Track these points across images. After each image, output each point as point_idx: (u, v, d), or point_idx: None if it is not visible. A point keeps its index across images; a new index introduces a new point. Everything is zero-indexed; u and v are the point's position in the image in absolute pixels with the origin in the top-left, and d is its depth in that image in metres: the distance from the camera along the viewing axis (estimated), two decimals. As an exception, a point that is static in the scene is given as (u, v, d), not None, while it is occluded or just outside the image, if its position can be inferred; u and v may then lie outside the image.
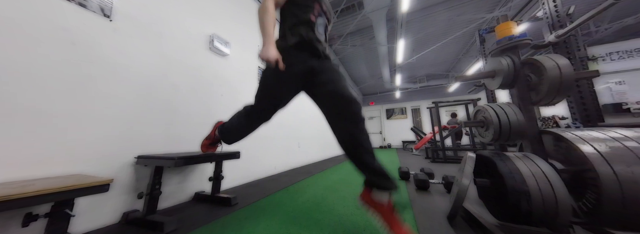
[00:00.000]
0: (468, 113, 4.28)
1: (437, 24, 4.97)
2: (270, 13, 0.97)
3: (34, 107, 0.97)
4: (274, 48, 0.93)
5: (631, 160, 0.75)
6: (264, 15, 0.96)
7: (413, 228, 1.07)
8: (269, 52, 0.91)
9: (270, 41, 0.93)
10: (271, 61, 0.90)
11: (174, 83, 1.61)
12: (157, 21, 1.54)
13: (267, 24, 0.95)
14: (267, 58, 0.90)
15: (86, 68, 1.15)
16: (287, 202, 1.52)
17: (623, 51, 4.68)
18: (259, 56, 0.94)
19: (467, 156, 1.13)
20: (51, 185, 0.74)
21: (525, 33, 1.20)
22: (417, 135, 6.64)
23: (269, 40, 0.94)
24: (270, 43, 0.93)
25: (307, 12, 1.04)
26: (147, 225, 1.12)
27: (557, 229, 0.81)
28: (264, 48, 0.93)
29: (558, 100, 1.12)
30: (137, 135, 1.34)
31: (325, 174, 2.68)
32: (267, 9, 0.97)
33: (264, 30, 0.95)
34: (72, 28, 1.11)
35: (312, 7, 1.05)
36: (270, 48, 0.92)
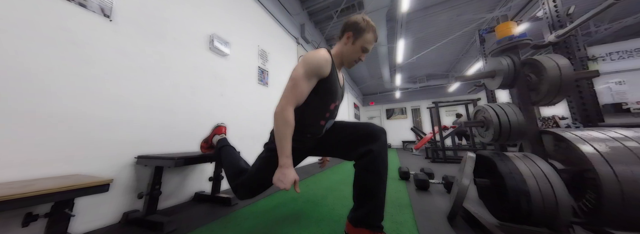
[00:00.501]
0: (468, 113, 4.28)
1: (437, 24, 4.97)
2: (291, 124, 0.84)
3: (34, 107, 0.97)
4: (293, 172, 0.82)
5: (631, 160, 0.75)
6: (284, 125, 0.83)
7: (413, 228, 1.07)
8: (287, 178, 0.79)
9: (288, 164, 0.82)
10: (287, 188, 0.79)
11: (174, 83, 1.61)
12: (157, 21, 1.54)
13: (286, 139, 0.82)
14: (285, 187, 0.78)
15: (86, 68, 1.15)
16: (287, 202, 1.52)
17: (623, 51, 4.68)
18: (274, 182, 0.81)
19: (467, 156, 1.13)
20: (51, 185, 0.74)
21: (525, 33, 1.20)
22: (417, 135, 6.64)
23: (287, 162, 0.82)
24: (289, 166, 0.81)
25: (320, 116, 0.95)
26: (147, 225, 1.12)
27: (557, 229, 0.81)
28: (281, 171, 0.81)
29: (558, 100, 1.12)
30: (137, 135, 1.34)
31: (325, 174, 2.68)
32: (286, 119, 0.83)
33: (282, 146, 0.82)
34: (72, 28, 1.11)
35: (325, 109, 0.96)
36: (290, 173, 0.80)
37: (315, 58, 0.86)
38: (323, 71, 0.88)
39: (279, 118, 0.84)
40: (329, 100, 0.95)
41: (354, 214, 0.88)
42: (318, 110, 0.94)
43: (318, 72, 0.87)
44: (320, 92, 0.91)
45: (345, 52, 0.97)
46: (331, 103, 0.96)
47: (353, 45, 0.95)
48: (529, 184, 0.84)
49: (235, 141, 2.00)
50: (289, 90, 0.87)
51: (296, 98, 0.86)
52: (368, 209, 0.85)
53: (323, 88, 0.91)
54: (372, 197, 0.85)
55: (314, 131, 0.97)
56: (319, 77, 0.89)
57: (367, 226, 0.84)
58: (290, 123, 0.84)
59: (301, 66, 0.87)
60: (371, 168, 0.86)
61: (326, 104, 0.95)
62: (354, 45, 0.94)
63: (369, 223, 0.84)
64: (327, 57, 0.89)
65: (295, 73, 0.87)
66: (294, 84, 0.86)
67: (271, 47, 3.07)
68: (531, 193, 0.82)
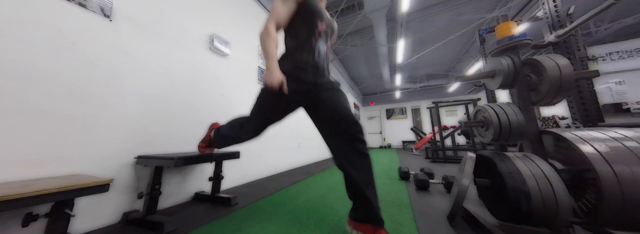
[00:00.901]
0: (468, 113, 4.28)
1: (437, 24, 4.97)
2: (273, 37, 0.96)
3: (34, 107, 0.97)
4: (278, 71, 0.92)
5: (631, 160, 0.75)
6: (267, 39, 0.95)
7: (413, 228, 1.07)
8: (273, 76, 0.90)
9: (273, 65, 0.92)
10: (275, 86, 0.90)
11: (174, 83, 1.61)
12: (157, 21, 1.54)
13: (269, 48, 0.94)
14: (271, 84, 0.90)
15: (86, 68, 1.15)
16: (287, 202, 1.52)
17: (623, 51, 4.68)
18: (263, 80, 0.93)
19: (467, 156, 1.13)
20: (51, 185, 0.74)
21: (525, 33, 1.20)
22: (417, 135, 6.64)
23: (272, 63, 0.92)
24: (274, 67, 0.92)
25: (309, 35, 1.02)
26: (147, 225, 1.12)
27: (557, 229, 0.81)
28: (268, 72, 0.92)
29: (558, 100, 1.12)
30: (137, 135, 1.34)
31: (325, 174, 2.68)
32: (269, 33, 0.96)
33: (267, 53, 0.94)
34: (72, 28, 1.11)
35: (314, 29, 1.03)
36: (275, 73, 0.91)
37: None
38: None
39: (262, 34, 0.97)
40: (314, 17, 1.04)
41: (355, 213, 0.95)
42: (307, 28, 1.03)
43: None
44: (304, 13, 1.03)
45: None
46: (317, 20, 1.04)
47: None
48: (529, 184, 0.84)
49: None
50: (270, 14, 1.00)
51: (275, 17, 0.99)
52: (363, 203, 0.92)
53: (305, 9, 1.03)
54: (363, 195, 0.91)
55: (308, 50, 1.01)
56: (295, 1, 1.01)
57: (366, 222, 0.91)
58: (271, 34, 0.96)
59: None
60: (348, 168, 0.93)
61: (313, 22, 1.04)
62: None
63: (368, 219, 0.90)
64: None
65: (275, 1, 1.02)
66: (273, 7, 1.00)
67: (271, 47, 3.07)
68: (531, 193, 0.82)
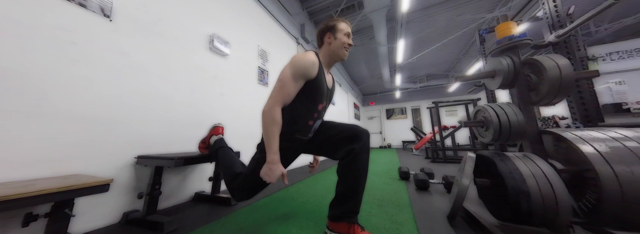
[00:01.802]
0: (468, 113, 4.28)
1: (437, 24, 4.97)
2: (277, 122, 0.88)
3: (34, 107, 0.97)
4: (280, 166, 0.87)
5: (631, 160, 0.75)
6: (271, 124, 0.87)
7: (413, 228, 1.07)
8: (274, 172, 0.85)
9: (275, 160, 0.86)
10: (275, 181, 0.86)
11: (174, 83, 1.61)
12: (157, 21, 1.54)
13: (272, 135, 0.87)
14: (271, 179, 0.85)
15: (86, 68, 1.15)
16: (287, 202, 1.52)
17: (623, 51, 4.68)
18: (261, 174, 0.87)
19: (467, 156, 1.13)
20: (51, 185, 0.74)
21: (525, 33, 1.20)
22: (417, 135, 6.64)
23: (274, 158, 0.86)
24: (276, 161, 0.86)
25: (306, 115, 0.98)
26: (147, 225, 1.12)
27: (557, 229, 0.81)
28: (268, 166, 0.86)
29: (558, 100, 1.12)
30: (137, 135, 1.34)
31: (325, 174, 2.68)
32: (274, 118, 0.87)
33: (269, 143, 0.87)
34: (72, 28, 1.11)
35: (313, 111, 0.99)
36: (277, 167, 0.85)
37: (303, 60, 0.91)
38: (310, 72, 0.92)
39: (266, 116, 0.88)
40: (316, 100, 0.99)
41: (333, 212, 0.95)
42: (306, 110, 0.98)
43: (305, 74, 0.91)
44: (307, 93, 0.96)
45: (333, 49, 1.03)
46: (319, 103, 1.01)
47: (336, 40, 1.02)
48: (529, 184, 0.84)
49: (235, 141, 2.01)
50: (276, 90, 0.91)
51: (283, 98, 0.91)
52: (347, 207, 0.92)
53: (310, 89, 0.95)
54: (351, 195, 0.92)
55: (303, 131, 1.00)
56: (305, 79, 0.93)
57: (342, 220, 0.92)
58: (277, 121, 0.88)
59: (289, 68, 0.92)
60: (351, 167, 0.92)
61: (314, 105, 0.99)
62: (336, 39, 1.02)
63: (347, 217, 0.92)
64: (314, 59, 0.94)
65: (283, 75, 0.92)
66: (281, 85, 0.91)
67: (271, 47, 3.07)
68: (531, 193, 0.82)
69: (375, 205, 1.41)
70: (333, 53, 1.03)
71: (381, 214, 1.25)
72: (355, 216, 0.94)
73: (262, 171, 0.88)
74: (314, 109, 1.00)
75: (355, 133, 0.95)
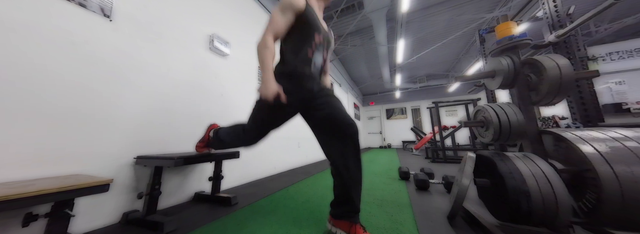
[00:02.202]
0: (468, 113, 4.28)
1: (437, 24, 4.96)
2: (270, 48, 0.95)
3: (34, 107, 0.97)
4: (274, 83, 0.92)
5: (631, 160, 0.75)
6: (264, 50, 0.95)
7: (413, 228, 1.07)
8: (269, 88, 0.90)
9: (269, 77, 0.92)
10: (270, 98, 0.90)
11: (173, 83, 1.61)
12: (157, 21, 1.54)
13: (266, 59, 0.94)
14: (266, 96, 0.90)
15: (86, 68, 1.15)
16: (287, 202, 1.52)
17: (623, 51, 4.68)
18: (258, 91, 0.93)
19: (467, 156, 1.13)
20: (51, 185, 0.74)
21: (525, 33, 1.20)
22: (417, 135, 6.64)
23: (268, 75, 0.92)
24: (270, 79, 0.92)
25: (305, 47, 1.01)
26: (147, 225, 1.12)
27: (557, 229, 0.81)
28: (264, 84, 0.92)
29: (558, 100, 1.12)
30: (137, 135, 1.34)
31: (325, 174, 2.68)
32: (266, 44, 0.95)
33: (263, 65, 0.94)
34: (72, 28, 1.11)
35: (310, 40, 1.02)
36: (270, 84, 0.91)
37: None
38: (297, 3, 0.97)
39: (259, 45, 0.96)
40: (311, 32, 1.02)
41: (334, 211, 1.00)
42: (303, 41, 1.02)
43: (291, 5, 0.97)
44: (301, 24, 1.01)
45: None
46: (314, 33, 1.03)
47: None
48: (529, 184, 0.84)
49: (235, 141, 2.00)
50: (268, 24, 0.98)
51: (273, 29, 0.97)
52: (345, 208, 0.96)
53: (303, 20, 1.01)
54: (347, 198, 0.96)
55: (304, 62, 1.01)
56: (294, 11, 0.98)
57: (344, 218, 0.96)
58: (269, 46, 0.95)
59: (278, 4, 0.99)
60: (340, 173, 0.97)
61: (310, 34, 1.02)
62: None
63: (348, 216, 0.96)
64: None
65: (273, 10, 1.00)
66: (271, 19, 0.98)
67: (271, 47, 3.07)
68: (531, 193, 0.82)
69: (375, 205, 1.41)
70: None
71: (381, 214, 1.25)
72: (356, 216, 0.96)
73: (259, 89, 0.93)
74: (311, 39, 1.02)
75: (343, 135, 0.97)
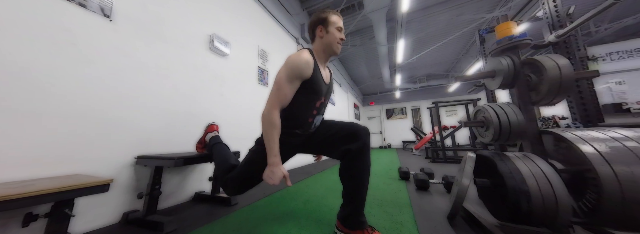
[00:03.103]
0: (468, 113, 4.28)
1: (437, 24, 4.96)
2: (277, 126, 0.89)
3: (34, 107, 0.97)
4: (281, 169, 0.87)
5: (631, 160, 0.75)
6: (271, 128, 0.88)
7: (413, 228, 1.07)
8: (275, 174, 0.85)
9: (276, 161, 0.87)
10: (277, 183, 0.86)
11: (174, 83, 1.61)
12: (157, 21, 1.54)
13: (272, 139, 0.88)
14: (274, 182, 0.85)
15: (86, 68, 1.15)
16: (287, 202, 1.52)
17: (623, 51, 4.68)
18: (264, 178, 0.88)
19: (467, 156, 1.13)
20: (51, 185, 0.74)
21: (525, 33, 1.20)
22: (417, 135, 6.64)
23: (275, 160, 0.87)
24: (277, 164, 0.87)
25: (307, 113, 0.98)
26: (147, 225, 1.12)
27: (557, 229, 0.81)
28: (270, 168, 0.87)
29: (558, 100, 1.12)
30: (137, 135, 1.34)
31: (325, 174, 2.68)
32: (273, 122, 0.88)
33: (270, 146, 0.88)
34: (72, 28, 1.11)
35: (312, 108, 0.99)
36: (277, 170, 0.86)
37: (296, 61, 0.90)
38: (305, 72, 0.91)
39: (265, 121, 0.89)
40: (314, 98, 0.99)
41: (343, 213, 0.96)
42: (305, 108, 0.98)
43: (300, 74, 0.91)
44: (305, 91, 0.95)
45: (325, 42, 1.01)
46: (317, 101, 1.00)
47: (328, 34, 1.00)
48: (529, 184, 0.84)
49: (235, 141, 2.00)
50: (273, 94, 0.91)
51: (280, 101, 0.91)
52: (352, 208, 0.93)
53: (307, 87, 0.95)
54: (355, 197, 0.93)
55: (303, 128, 1.00)
56: (301, 79, 0.92)
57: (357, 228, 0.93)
58: (276, 125, 0.89)
59: (284, 70, 0.91)
60: (350, 168, 0.92)
61: (312, 102, 0.99)
62: (329, 33, 1.00)
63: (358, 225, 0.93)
64: (309, 58, 0.92)
65: (279, 78, 0.92)
66: (277, 88, 0.91)
67: (271, 47, 3.07)
68: (531, 193, 0.82)
69: (375, 205, 1.41)
70: (327, 47, 1.01)
71: (381, 214, 1.25)
72: (364, 219, 0.94)
73: (265, 174, 0.88)
74: (313, 106, 0.99)
75: (353, 132, 0.94)
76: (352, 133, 0.94)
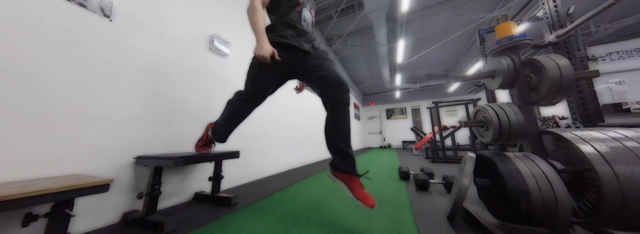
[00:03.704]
0: (468, 113, 4.28)
1: (437, 24, 4.97)
2: (259, 11, 1.02)
3: (34, 108, 0.97)
4: (268, 44, 0.98)
5: (631, 160, 0.75)
6: (254, 14, 1.01)
7: (413, 228, 1.07)
8: (264, 48, 0.95)
9: (263, 38, 0.98)
10: (267, 57, 0.95)
11: (174, 83, 1.61)
12: (157, 21, 1.54)
13: (257, 22, 1.00)
14: (263, 56, 0.94)
15: (86, 68, 1.15)
16: (287, 202, 1.52)
17: (623, 51, 4.68)
18: (254, 53, 0.98)
19: (467, 156, 1.13)
20: (51, 185, 0.74)
21: (525, 33, 1.20)
22: (417, 135, 6.64)
23: (261, 37, 0.98)
24: (264, 40, 0.98)
25: (292, 5, 1.10)
26: (147, 225, 1.12)
27: (557, 229, 0.81)
28: (259, 45, 0.97)
29: (558, 100, 1.12)
30: (137, 135, 1.34)
31: (325, 174, 2.68)
32: (255, 8, 1.02)
33: (256, 28, 1.00)
34: (72, 28, 1.11)
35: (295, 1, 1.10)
36: (265, 45, 0.97)
37: None
38: None
39: (249, 9, 1.02)
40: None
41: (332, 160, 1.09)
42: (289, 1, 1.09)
43: None
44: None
45: None
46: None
47: None
48: (529, 184, 0.84)
49: (235, 141, 2.00)
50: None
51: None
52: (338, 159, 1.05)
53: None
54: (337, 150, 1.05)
55: (294, 18, 1.10)
56: None
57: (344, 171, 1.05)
58: (258, 10, 1.02)
59: None
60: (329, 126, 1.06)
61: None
62: None
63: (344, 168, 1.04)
64: None
65: None
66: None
67: (271, 47, 3.06)
68: (531, 193, 0.82)
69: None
70: None
71: (381, 214, 1.25)
72: (353, 168, 1.04)
73: (255, 49, 0.97)
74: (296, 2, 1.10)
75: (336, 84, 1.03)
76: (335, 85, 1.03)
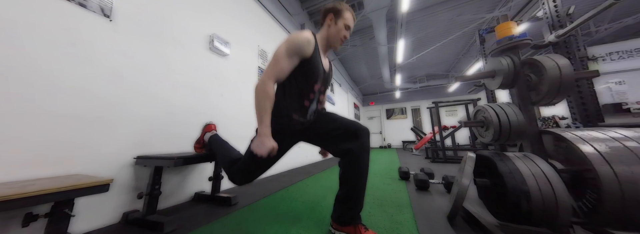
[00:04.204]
0: (468, 113, 4.28)
1: (437, 24, 4.96)
2: (270, 97, 0.89)
3: (34, 108, 0.97)
4: (270, 139, 0.87)
5: (631, 160, 0.75)
6: (264, 98, 0.88)
7: (413, 228, 1.07)
8: (264, 146, 0.85)
9: (266, 132, 0.87)
10: (265, 155, 0.85)
11: (173, 83, 1.61)
12: (157, 21, 1.54)
13: (264, 110, 0.88)
14: (262, 153, 0.85)
15: (86, 68, 1.15)
16: (287, 202, 1.52)
17: (623, 51, 4.67)
18: (252, 148, 0.88)
19: (467, 156, 1.13)
20: (51, 185, 0.74)
21: (525, 33, 1.20)
22: (417, 135, 6.64)
23: (265, 130, 0.87)
24: (267, 134, 0.87)
25: (302, 95, 0.98)
26: (147, 225, 1.12)
27: (557, 229, 0.81)
28: (259, 140, 0.87)
29: (558, 100, 1.12)
30: (136, 135, 1.34)
31: (325, 174, 2.68)
32: (267, 92, 0.88)
33: (261, 116, 0.88)
34: (72, 28, 1.11)
35: (308, 91, 0.98)
36: (267, 141, 0.86)
37: (298, 37, 0.91)
38: (305, 50, 0.91)
39: (259, 90, 0.89)
40: (311, 80, 0.98)
41: (337, 212, 0.98)
42: (301, 89, 0.98)
43: (299, 51, 0.91)
44: (303, 71, 0.95)
45: (331, 33, 1.03)
46: (314, 83, 0.99)
47: (336, 26, 1.02)
48: (529, 184, 0.84)
49: (235, 141, 1.99)
50: (270, 66, 0.91)
51: (276, 73, 0.90)
52: (348, 207, 0.95)
53: (306, 68, 0.95)
54: (352, 196, 0.94)
55: (300, 112, 0.99)
56: (300, 56, 0.92)
57: (349, 223, 0.95)
58: (269, 95, 0.89)
59: (284, 44, 0.92)
60: (350, 168, 0.94)
61: (309, 84, 0.98)
62: (337, 25, 1.02)
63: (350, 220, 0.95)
64: (310, 37, 0.93)
65: (278, 51, 0.92)
66: (275, 61, 0.91)
67: (271, 47, 3.07)
68: (531, 193, 0.82)
69: (375, 205, 1.41)
70: (330, 38, 1.03)
71: (381, 214, 1.25)
72: (358, 216, 0.97)
73: (253, 144, 0.88)
74: (310, 89, 0.99)
75: (354, 131, 0.96)
76: (353, 132, 0.96)
